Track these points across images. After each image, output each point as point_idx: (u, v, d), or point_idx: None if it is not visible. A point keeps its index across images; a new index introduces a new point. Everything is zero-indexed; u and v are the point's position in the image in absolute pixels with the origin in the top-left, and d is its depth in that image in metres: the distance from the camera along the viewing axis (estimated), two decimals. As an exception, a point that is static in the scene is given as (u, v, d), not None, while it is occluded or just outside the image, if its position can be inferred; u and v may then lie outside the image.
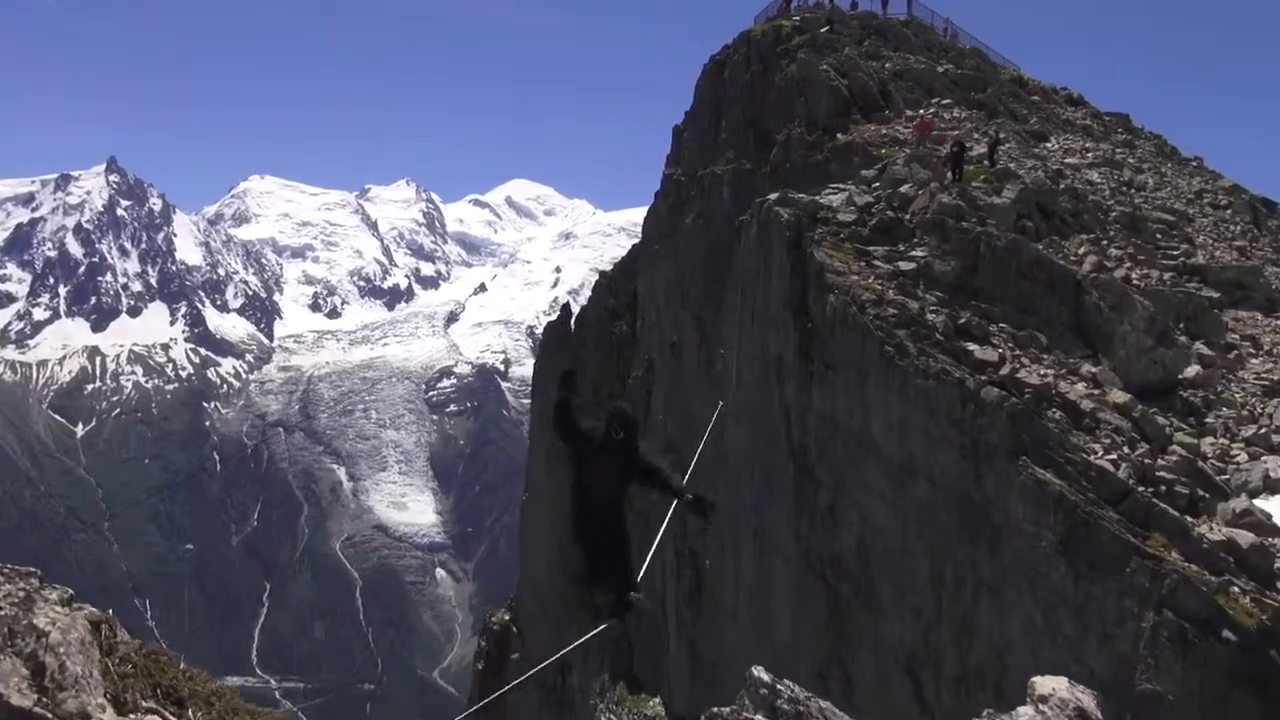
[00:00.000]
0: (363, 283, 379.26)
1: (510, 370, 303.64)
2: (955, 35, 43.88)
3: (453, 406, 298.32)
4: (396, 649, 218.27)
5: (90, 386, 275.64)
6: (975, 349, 16.27)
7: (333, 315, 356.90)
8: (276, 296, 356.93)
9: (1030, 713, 5.32)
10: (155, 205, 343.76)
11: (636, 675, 41.25)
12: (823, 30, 37.14)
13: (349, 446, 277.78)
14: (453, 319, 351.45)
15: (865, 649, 16.77)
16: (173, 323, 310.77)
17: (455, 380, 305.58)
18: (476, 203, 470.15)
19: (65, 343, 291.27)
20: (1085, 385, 16.13)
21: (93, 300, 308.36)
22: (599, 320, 50.52)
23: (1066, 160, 31.06)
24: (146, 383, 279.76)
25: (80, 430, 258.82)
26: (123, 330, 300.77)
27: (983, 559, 14.10)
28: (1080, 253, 21.41)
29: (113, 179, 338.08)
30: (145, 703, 4.07)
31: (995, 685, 13.80)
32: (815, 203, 20.67)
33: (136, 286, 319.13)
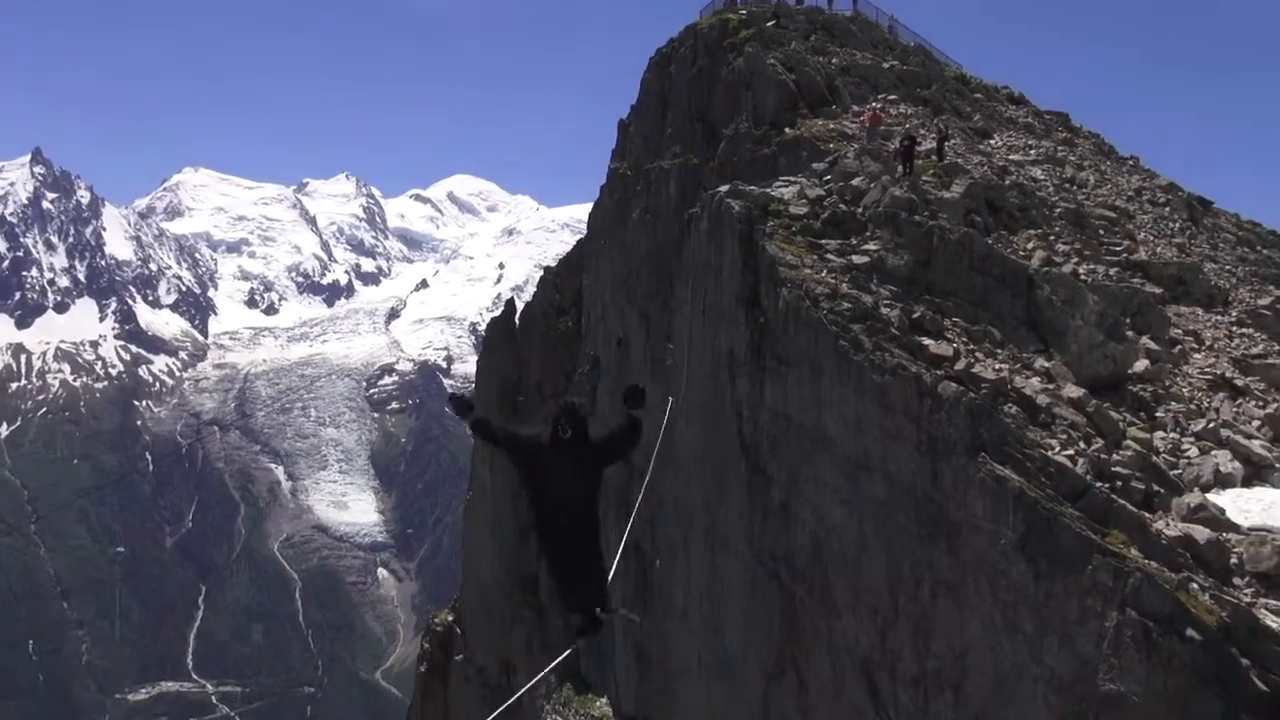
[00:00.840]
0: (301, 279, 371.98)
1: (453, 367, 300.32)
2: (897, 33, 44.04)
3: (394, 404, 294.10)
4: (337, 651, 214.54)
5: (15, 385, 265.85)
6: (930, 344, 16.02)
7: (270, 312, 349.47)
8: (211, 292, 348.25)
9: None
10: (83, 198, 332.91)
11: (583, 675, 40.73)
12: (769, 25, 36.91)
13: (288, 445, 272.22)
14: (394, 315, 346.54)
15: (820, 650, 16.45)
16: (102, 319, 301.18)
17: (397, 377, 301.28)
18: (418, 198, 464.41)
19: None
20: (1040, 380, 15.99)
21: (17, 296, 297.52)
22: (544, 316, 49.78)
23: (1011, 157, 31.23)
24: (75, 381, 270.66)
25: (4, 430, 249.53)
26: (49, 327, 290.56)
27: (941, 557, 13.83)
28: (1029, 247, 21.38)
29: (38, 170, 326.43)
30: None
31: (954, 686, 13.56)
32: (767, 195, 20.31)
33: (64, 282, 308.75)
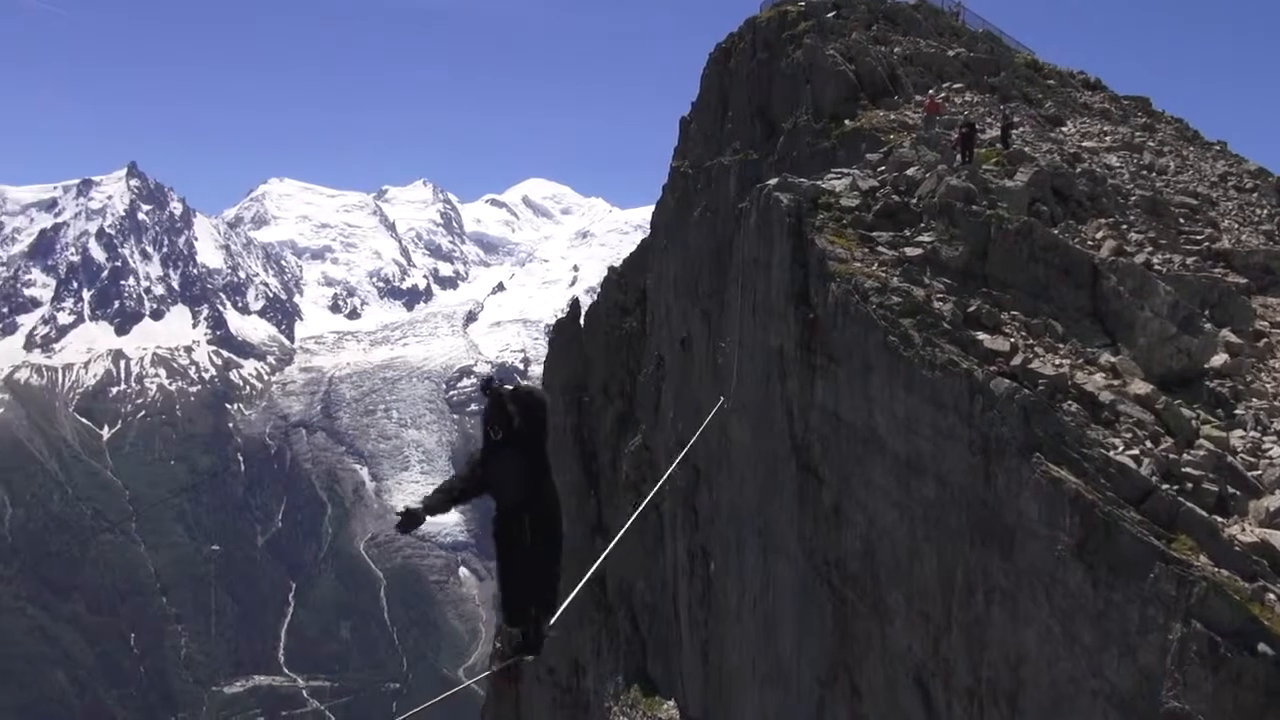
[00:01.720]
0: (382, 283, 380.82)
1: (529, 369, 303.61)
2: (965, 19, 42.67)
3: (473, 406, 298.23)
4: (421, 648, 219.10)
5: (115, 389, 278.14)
6: (985, 338, 15.29)
7: (352, 316, 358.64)
8: (296, 298, 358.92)
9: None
10: (176, 209, 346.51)
11: (650, 676, 40.51)
12: (829, 15, 36.09)
13: (371, 446, 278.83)
14: (471, 318, 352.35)
15: (872, 657, 15.86)
16: (195, 325, 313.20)
17: (475, 379, 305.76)
18: (493, 202, 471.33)
19: (90, 346, 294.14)
20: (1104, 375, 15.11)
21: (116, 304, 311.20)
22: (609, 316, 49.68)
23: (1084, 144, 29.85)
24: (170, 385, 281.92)
25: (106, 433, 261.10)
26: (146, 333, 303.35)
27: (995, 563, 13.15)
28: (1098, 237, 20.33)
29: (134, 184, 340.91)
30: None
31: (1009, 698, 12.89)
32: (817, 188, 19.74)
33: (159, 290, 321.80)
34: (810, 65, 34.02)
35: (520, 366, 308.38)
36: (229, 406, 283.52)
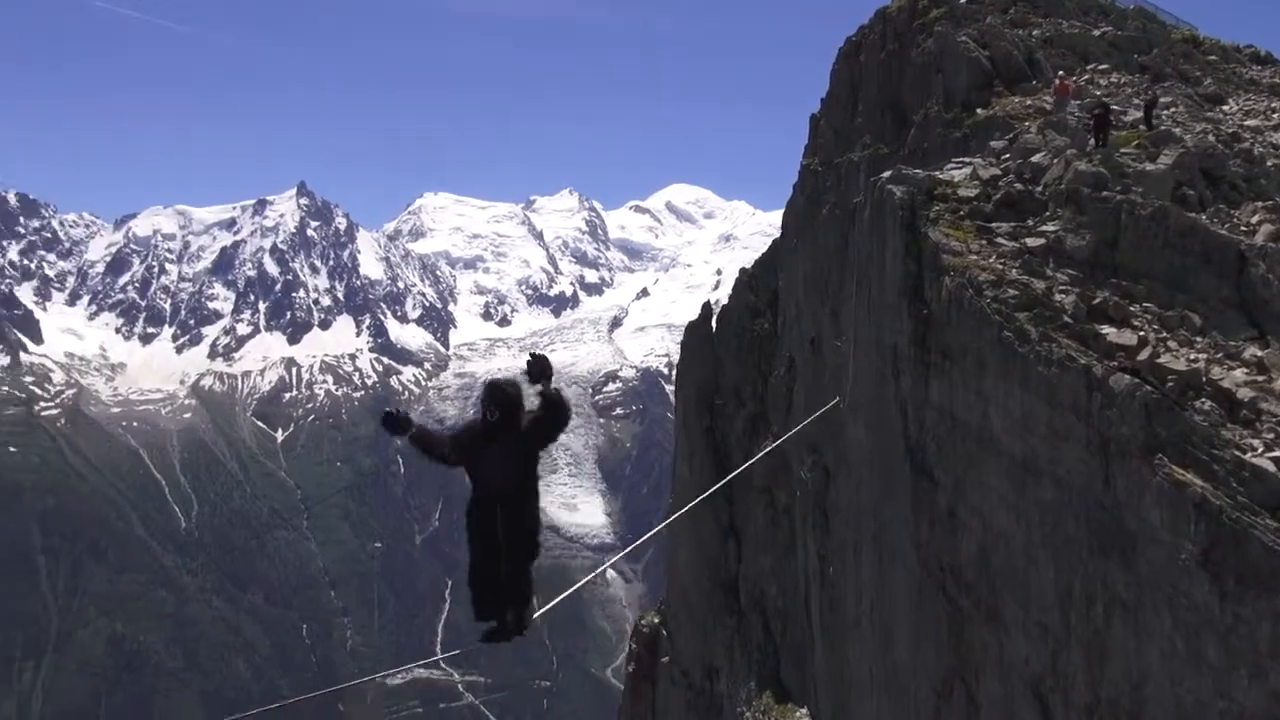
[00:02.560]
0: (530, 291, 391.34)
1: (673, 373, 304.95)
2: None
3: (619, 410, 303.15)
4: (570, 648, 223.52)
5: (288, 395, 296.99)
6: (1110, 332, 14.28)
7: (503, 323, 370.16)
8: (451, 307, 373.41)
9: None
10: (340, 224, 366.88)
11: (783, 683, 39.88)
12: (962, 0, 34.66)
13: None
14: (616, 324, 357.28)
15: (989, 668, 15.06)
16: (358, 334, 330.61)
17: (620, 384, 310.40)
18: (637, 209, 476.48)
19: (265, 355, 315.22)
20: (1245, 371, 13.83)
21: (288, 315, 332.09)
22: (740, 318, 49.26)
23: (1246, 123, 27.44)
24: (337, 390, 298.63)
25: (280, 435, 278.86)
26: (315, 342, 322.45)
27: (1115, 572, 12.24)
28: (1253, 221, 18.64)
29: (303, 202, 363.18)
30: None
31: (1131, 718, 11.95)
32: (932, 178, 18.95)
33: (326, 301, 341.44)
34: (941, 53, 32.81)
35: (665, 371, 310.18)
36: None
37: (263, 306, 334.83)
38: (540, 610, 6.80)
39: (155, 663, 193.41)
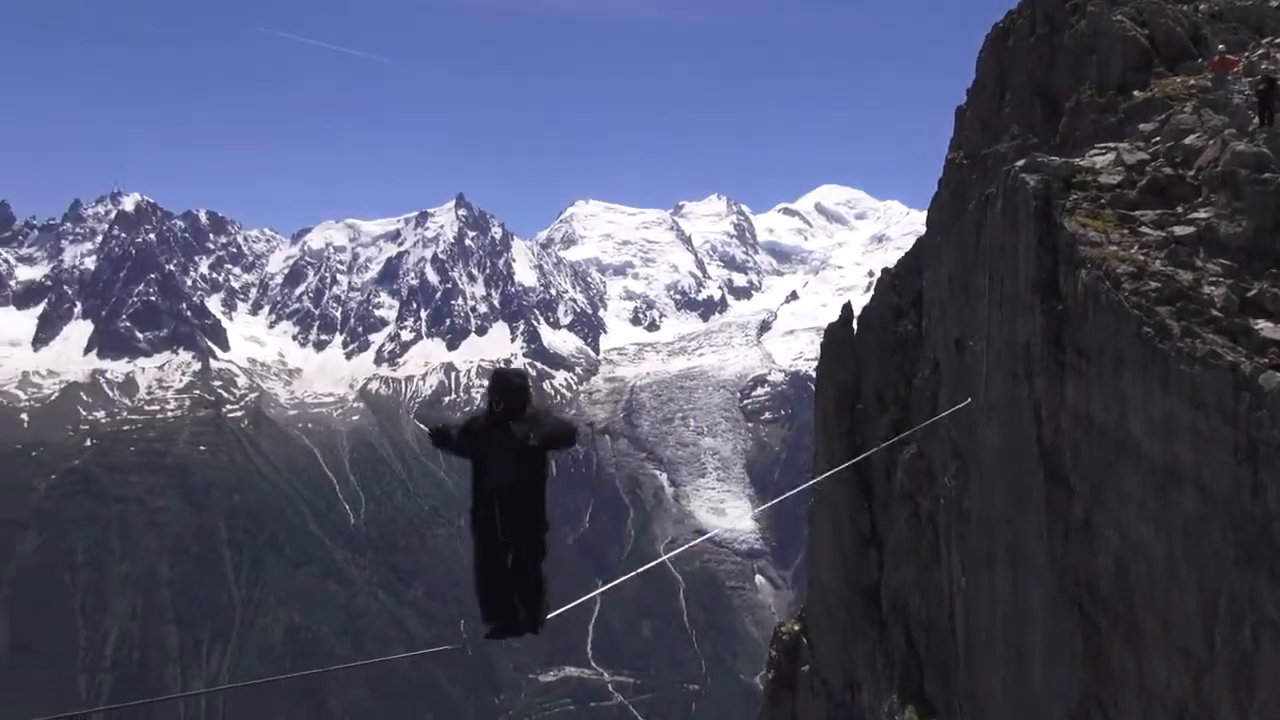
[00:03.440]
0: (679, 296, 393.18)
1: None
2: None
3: (767, 414, 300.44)
4: (719, 652, 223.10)
5: (447, 398, 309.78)
6: (1266, 326, 12.96)
7: (652, 328, 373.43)
8: (601, 312, 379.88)
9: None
10: (496, 234, 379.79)
11: (926, 697, 38.38)
12: (1118, -24, 32.39)
13: (670, 453, 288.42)
14: (765, 328, 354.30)
15: (1128, 692, 13.91)
16: (513, 340, 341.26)
17: (769, 388, 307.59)
18: (786, 211, 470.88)
19: (427, 360, 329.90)
20: None
21: (447, 322, 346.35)
22: (882, 319, 47.74)
23: None
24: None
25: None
26: (472, 348, 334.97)
27: (1263, 589, 11.06)
28: None
29: (461, 213, 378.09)
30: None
31: (1284, 753, 10.76)
32: (1070, 165, 17.75)
33: (483, 308, 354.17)
34: (1095, 34, 30.84)
35: (814, 375, 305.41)
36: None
37: (424, 314, 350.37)
38: (556, 611, 6.70)
39: (327, 650, 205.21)
